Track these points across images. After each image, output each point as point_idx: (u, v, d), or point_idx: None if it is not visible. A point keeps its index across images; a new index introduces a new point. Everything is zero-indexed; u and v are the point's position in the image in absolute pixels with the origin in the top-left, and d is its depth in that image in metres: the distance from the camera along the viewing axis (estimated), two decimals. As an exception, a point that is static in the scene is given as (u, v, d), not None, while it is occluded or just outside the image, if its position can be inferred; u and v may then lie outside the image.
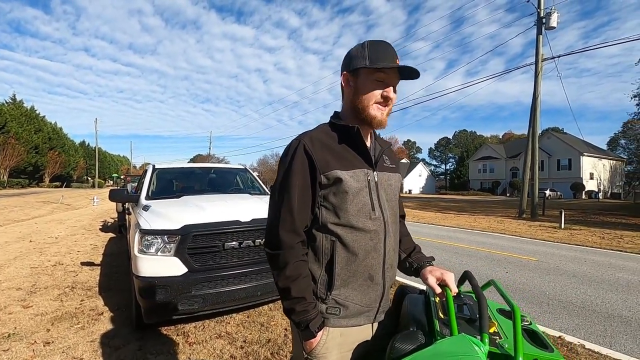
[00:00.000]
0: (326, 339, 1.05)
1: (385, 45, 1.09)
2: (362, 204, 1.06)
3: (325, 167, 1.04)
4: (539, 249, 7.85)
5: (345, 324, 1.07)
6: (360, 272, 1.06)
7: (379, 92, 1.07)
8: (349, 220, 1.05)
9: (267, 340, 2.99)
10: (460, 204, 25.74)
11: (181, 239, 2.89)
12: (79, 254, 6.48)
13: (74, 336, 3.05)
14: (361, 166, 1.09)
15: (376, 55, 1.06)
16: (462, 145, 75.28)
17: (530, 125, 15.43)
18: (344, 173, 1.05)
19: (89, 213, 15.00)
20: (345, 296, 1.06)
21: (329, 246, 1.06)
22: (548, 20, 14.79)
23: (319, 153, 1.05)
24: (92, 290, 4.32)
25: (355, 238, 1.05)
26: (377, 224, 1.08)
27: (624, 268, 6.06)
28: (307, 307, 1.01)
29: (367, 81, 1.08)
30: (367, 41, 1.10)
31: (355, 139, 1.10)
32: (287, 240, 1.02)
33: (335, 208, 1.06)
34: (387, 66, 1.04)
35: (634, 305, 4.16)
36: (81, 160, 62.37)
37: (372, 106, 1.08)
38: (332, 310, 1.06)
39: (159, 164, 4.97)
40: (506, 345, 0.89)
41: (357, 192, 1.06)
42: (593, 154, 43.37)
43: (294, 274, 1.01)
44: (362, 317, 1.10)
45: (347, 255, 1.05)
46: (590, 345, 3.08)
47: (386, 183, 1.16)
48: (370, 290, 1.09)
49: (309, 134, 1.10)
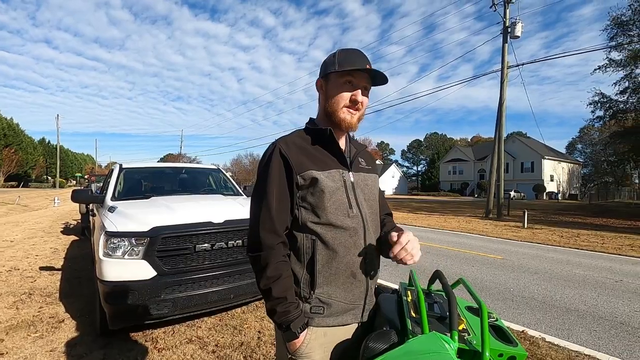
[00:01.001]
0: (310, 339, 1.05)
1: (355, 51, 1.14)
2: (339, 203, 1.09)
3: (300, 168, 1.07)
4: (504, 248, 8.22)
5: (330, 323, 1.08)
6: (342, 269, 1.08)
7: (348, 94, 1.11)
8: (327, 218, 1.07)
9: (240, 343, 2.94)
10: (431, 205, 26.51)
11: (150, 241, 2.78)
12: (38, 258, 6.09)
13: (31, 346, 2.87)
14: (336, 167, 1.13)
15: (345, 60, 1.11)
16: (433, 148, 77.50)
17: (496, 130, 16.15)
18: (320, 173, 1.08)
19: (49, 215, 14.14)
20: (329, 294, 1.08)
21: (309, 245, 1.08)
22: (513, 30, 15.55)
23: (294, 155, 1.08)
24: (52, 296, 4.08)
25: (335, 236, 1.07)
26: (355, 222, 1.10)
27: (580, 265, 6.47)
28: (289, 308, 1.02)
29: (336, 84, 1.13)
30: (339, 49, 1.16)
31: (329, 141, 1.14)
32: (267, 241, 1.03)
33: (314, 207, 1.08)
34: (353, 68, 1.09)
35: (588, 299, 4.44)
36: (40, 158, 58.67)
37: (342, 109, 1.12)
38: (316, 309, 1.07)
39: (127, 163, 4.77)
40: (474, 342, 0.93)
41: (334, 191, 1.09)
42: (553, 158, 46.06)
43: (275, 275, 1.02)
44: (348, 315, 1.11)
45: (328, 253, 1.07)
46: (550, 338, 3.26)
47: (363, 183, 1.19)
48: (353, 287, 1.11)
49: (285, 138, 1.14)
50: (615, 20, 19.30)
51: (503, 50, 15.75)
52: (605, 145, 28.82)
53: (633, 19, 18.59)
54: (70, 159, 74.92)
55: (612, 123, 23.82)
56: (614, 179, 47.29)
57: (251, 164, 60.99)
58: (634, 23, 18.70)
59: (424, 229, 11.93)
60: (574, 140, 62.91)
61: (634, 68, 19.50)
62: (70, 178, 68.09)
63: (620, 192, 41.50)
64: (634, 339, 3.31)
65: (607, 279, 5.46)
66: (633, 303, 4.32)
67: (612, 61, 19.89)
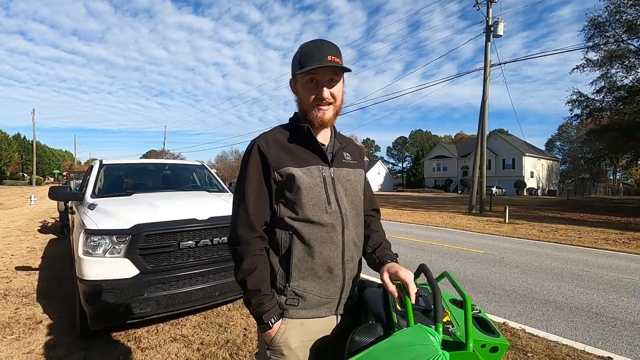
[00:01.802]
0: (285, 329, 1.08)
1: (314, 44, 1.09)
2: (317, 199, 1.09)
3: (278, 164, 1.09)
4: (486, 242, 8.42)
5: (304, 315, 1.10)
6: (318, 264, 1.09)
7: (314, 93, 1.10)
8: (305, 214, 1.08)
9: (226, 341, 2.92)
10: (416, 201, 26.88)
11: (132, 239, 2.72)
12: (13, 257, 5.88)
13: (7, 348, 2.77)
14: (316, 163, 1.13)
15: (305, 59, 1.08)
16: (417, 145, 78.46)
17: (479, 127, 16.47)
18: (297, 170, 1.09)
19: (25, 213, 13.64)
20: (304, 288, 1.09)
21: (287, 239, 1.10)
22: (496, 29, 15.85)
23: (272, 152, 1.10)
24: (29, 297, 3.94)
25: (312, 231, 1.08)
26: (333, 217, 1.11)
27: (558, 258, 6.69)
28: (262, 300, 1.05)
29: (301, 84, 1.12)
30: (300, 46, 1.12)
31: (307, 137, 1.14)
32: (243, 235, 1.07)
33: (291, 203, 1.09)
34: (311, 67, 1.05)
35: (566, 291, 4.60)
36: (16, 154, 56.39)
37: (313, 108, 1.11)
38: (290, 301, 1.09)
39: (107, 160, 4.64)
40: (458, 333, 0.94)
41: (311, 187, 1.09)
42: (533, 154, 47.34)
43: (250, 268, 1.05)
44: (323, 308, 1.12)
45: (304, 248, 1.08)
46: (530, 330, 3.36)
47: (344, 178, 1.18)
48: (329, 282, 1.11)
49: (265, 135, 1.15)
50: (592, 22, 19.90)
51: (486, 49, 16.04)
52: (582, 143, 29.90)
53: (609, 20, 19.22)
54: (47, 155, 72.35)
55: (589, 121, 24.68)
56: (591, 175, 49.07)
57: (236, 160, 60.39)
58: (609, 24, 19.34)
59: (409, 224, 12.09)
60: (553, 137, 65.02)
61: (610, 68, 20.21)
62: (47, 175, 65.74)
63: (596, 188, 43.12)
64: (608, 328, 3.45)
65: (583, 271, 5.66)
66: (608, 294, 4.49)
67: (590, 61, 20.54)
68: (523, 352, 2.85)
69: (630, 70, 19.64)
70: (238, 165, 58.89)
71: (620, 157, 32.56)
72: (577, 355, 2.84)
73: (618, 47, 19.31)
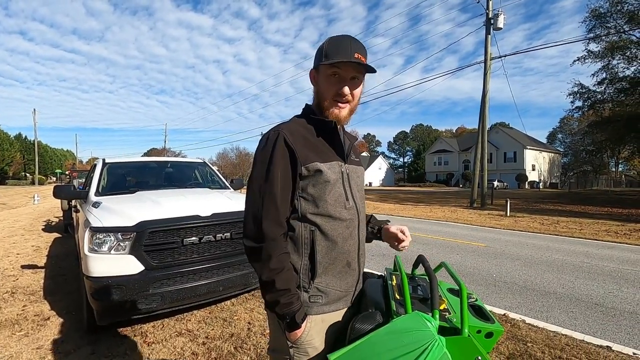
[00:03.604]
0: (310, 327, 1.07)
1: (343, 39, 1.10)
2: (338, 195, 1.11)
3: (305, 159, 1.06)
4: (487, 236, 8.45)
5: (326, 310, 1.11)
6: (339, 259, 1.11)
7: (334, 88, 1.10)
8: (327, 210, 1.08)
9: (230, 335, 2.97)
10: (418, 196, 26.88)
11: (137, 236, 2.76)
12: (19, 256, 5.94)
13: (17, 344, 2.83)
14: (335, 159, 1.14)
15: (332, 50, 1.08)
16: (418, 139, 78.29)
17: (480, 121, 16.43)
18: (323, 165, 1.08)
19: (28, 212, 13.73)
20: (327, 283, 1.10)
21: (308, 236, 1.08)
22: (496, 22, 15.74)
23: (299, 145, 1.06)
24: (36, 294, 4.00)
25: (334, 227, 1.09)
26: (351, 213, 1.14)
27: (559, 250, 6.72)
28: (292, 299, 1.02)
29: (324, 77, 1.11)
30: (329, 37, 1.12)
31: (332, 133, 1.15)
32: (271, 232, 1.01)
33: (315, 199, 1.08)
34: (338, 60, 1.06)
35: (566, 282, 4.64)
36: (17, 154, 56.56)
37: (330, 103, 1.11)
38: (314, 298, 1.09)
39: (110, 158, 4.68)
40: (454, 320, 0.98)
41: (335, 183, 1.10)
42: (535, 147, 47.20)
43: (279, 267, 1.01)
44: (341, 302, 1.15)
45: (327, 244, 1.09)
46: (530, 320, 3.40)
47: (355, 175, 1.21)
48: (347, 276, 1.15)
49: (287, 125, 1.11)
50: (593, 12, 19.77)
51: (486, 42, 15.94)
52: (584, 135, 29.72)
53: (610, 10, 19.09)
54: (49, 155, 72.56)
55: (591, 113, 24.56)
56: (592, 167, 48.87)
57: (237, 157, 60.39)
58: (611, 15, 19.21)
59: (410, 219, 12.13)
60: (554, 130, 64.70)
61: (611, 59, 20.10)
62: (50, 175, 65.92)
63: (598, 180, 43.01)
64: (607, 319, 3.49)
65: (583, 263, 5.69)
66: (608, 285, 4.53)
67: (591, 53, 20.44)
68: (523, 342, 2.89)
69: (632, 61, 19.55)
70: (239, 162, 58.79)
71: (622, 149, 32.48)
72: (576, 344, 2.88)
73: (619, 38, 19.18)
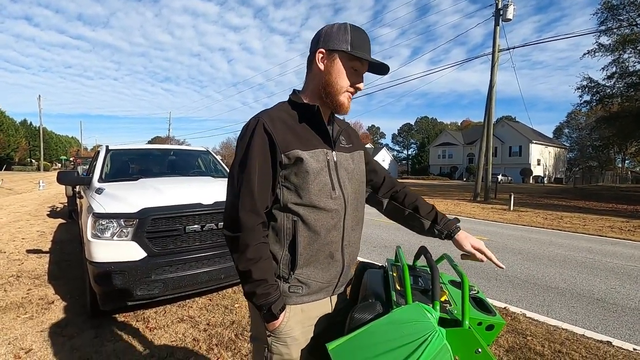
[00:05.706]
0: (288, 317, 1.06)
1: (365, 34, 1.09)
2: (322, 184, 1.06)
3: (285, 146, 1.02)
4: (490, 229, 8.43)
5: (306, 300, 1.09)
6: (322, 250, 1.07)
7: (352, 80, 1.08)
8: (310, 200, 1.04)
9: (232, 322, 3.00)
10: (421, 188, 26.80)
11: (139, 222, 2.78)
12: (24, 241, 6.02)
13: (22, 327, 2.87)
14: (320, 146, 1.09)
15: (358, 43, 1.05)
16: (423, 132, 77.74)
17: (486, 114, 16.24)
18: (305, 153, 1.04)
19: (34, 198, 13.87)
20: (308, 275, 1.07)
21: (290, 226, 1.05)
22: (505, 13, 15.42)
23: (279, 132, 1.02)
24: (41, 278, 4.06)
25: (317, 217, 1.05)
26: (337, 203, 1.09)
27: (562, 245, 6.69)
28: (269, 290, 1.00)
29: (344, 67, 1.07)
30: (349, 24, 1.07)
31: (316, 118, 1.10)
32: (247, 221, 0.99)
33: (297, 188, 1.05)
34: (367, 58, 1.05)
35: (568, 277, 4.62)
36: (23, 141, 56.96)
37: (344, 94, 1.09)
38: (294, 289, 1.07)
39: (113, 145, 4.68)
40: (455, 312, 0.97)
41: (318, 172, 1.05)
42: (541, 142, 46.76)
43: (256, 257, 0.99)
44: (322, 292, 1.13)
45: (309, 235, 1.05)
46: (530, 314, 3.40)
47: (346, 162, 1.16)
48: (330, 268, 1.11)
49: (268, 112, 1.08)
50: (606, 4, 19.31)
51: (494, 33, 15.66)
52: (591, 130, 29.41)
53: (623, 2, 18.62)
54: (54, 141, 73.00)
55: (599, 108, 24.22)
56: (599, 163, 48.40)
57: (241, 147, 60.28)
58: (624, 7, 18.75)
59: (413, 211, 12.10)
60: (561, 124, 63.89)
61: (622, 53, 19.70)
62: (55, 161, 66.42)
63: (604, 176, 42.56)
64: (608, 314, 3.48)
65: (586, 258, 5.67)
66: (610, 281, 4.51)
67: (602, 46, 20.03)
68: (522, 335, 2.90)
69: (643, 55, 19.14)
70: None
71: (630, 145, 32.06)
72: (576, 339, 2.88)
73: (632, 31, 18.74)
